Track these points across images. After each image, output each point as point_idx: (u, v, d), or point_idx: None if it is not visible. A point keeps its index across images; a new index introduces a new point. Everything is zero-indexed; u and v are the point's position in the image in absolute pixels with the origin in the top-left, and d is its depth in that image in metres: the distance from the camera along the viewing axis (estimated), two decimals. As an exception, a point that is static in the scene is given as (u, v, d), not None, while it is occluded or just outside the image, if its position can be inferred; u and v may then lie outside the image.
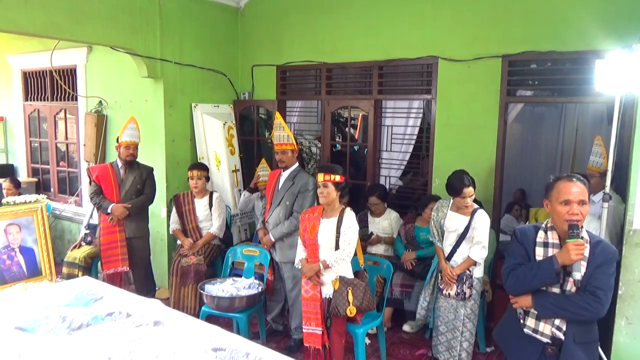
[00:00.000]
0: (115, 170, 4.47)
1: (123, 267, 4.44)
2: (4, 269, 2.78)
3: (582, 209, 2.14)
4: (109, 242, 4.42)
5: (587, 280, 2.14)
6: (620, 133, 3.22)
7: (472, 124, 4.37)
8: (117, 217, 4.37)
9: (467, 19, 4.33)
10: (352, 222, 3.32)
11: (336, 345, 3.34)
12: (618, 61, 2.89)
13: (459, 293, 3.48)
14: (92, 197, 4.45)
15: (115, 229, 4.41)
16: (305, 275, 3.38)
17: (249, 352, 1.81)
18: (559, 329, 2.23)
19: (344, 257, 3.28)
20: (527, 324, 2.31)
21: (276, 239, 3.94)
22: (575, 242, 2.11)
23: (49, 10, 3.96)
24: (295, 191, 3.93)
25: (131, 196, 4.46)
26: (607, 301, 2.14)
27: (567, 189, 2.15)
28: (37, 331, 1.98)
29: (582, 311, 2.15)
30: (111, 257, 4.42)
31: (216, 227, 4.58)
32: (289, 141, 3.95)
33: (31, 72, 6.58)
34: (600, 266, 2.14)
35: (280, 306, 4.23)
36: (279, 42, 5.43)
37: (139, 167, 4.54)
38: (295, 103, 5.73)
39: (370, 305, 3.33)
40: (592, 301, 2.13)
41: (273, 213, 4.00)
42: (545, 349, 2.25)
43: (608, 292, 2.14)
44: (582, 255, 2.12)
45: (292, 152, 3.99)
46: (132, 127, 4.43)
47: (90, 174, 4.49)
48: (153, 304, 2.32)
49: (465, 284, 3.47)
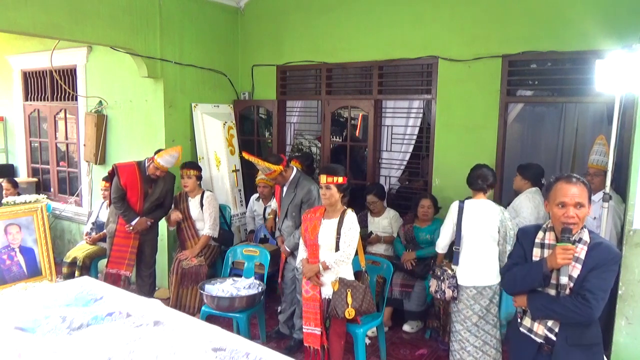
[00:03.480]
0: (143, 176, 4.34)
1: (126, 272, 4.43)
2: (4, 269, 2.78)
3: (578, 212, 2.10)
4: (121, 244, 4.42)
5: (580, 283, 2.10)
6: (620, 133, 3.22)
7: (472, 123, 4.37)
8: (137, 230, 4.38)
9: (467, 19, 4.33)
10: (352, 223, 3.31)
11: (335, 346, 3.34)
12: (618, 61, 2.89)
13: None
14: (116, 202, 4.35)
15: (131, 235, 4.41)
16: (305, 275, 3.38)
17: (249, 352, 1.81)
18: (550, 330, 2.21)
19: (344, 259, 3.27)
20: (524, 323, 2.32)
21: (291, 250, 3.92)
22: (563, 246, 2.08)
23: (49, 10, 3.96)
24: (297, 202, 3.89)
25: (153, 208, 4.46)
26: (596, 305, 2.06)
27: (564, 191, 2.12)
28: (37, 331, 1.98)
29: (570, 314, 2.10)
30: (119, 259, 4.42)
31: (208, 226, 4.55)
32: (270, 170, 3.84)
33: (31, 72, 6.58)
34: (596, 269, 2.08)
35: (293, 310, 4.16)
36: (279, 42, 5.43)
37: (164, 178, 4.46)
38: (295, 103, 5.73)
39: (370, 307, 3.32)
40: (580, 304, 2.07)
41: (284, 224, 4.00)
42: (542, 348, 2.25)
43: (599, 295, 2.06)
44: (569, 260, 2.09)
45: (280, 174, 3.88)
46: (174, 155, 4.29)
47: (119, 176, 4.31)
48: (153, 304, 2.32)
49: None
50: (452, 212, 3.50)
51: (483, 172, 3.45)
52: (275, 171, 3.84)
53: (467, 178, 3.54)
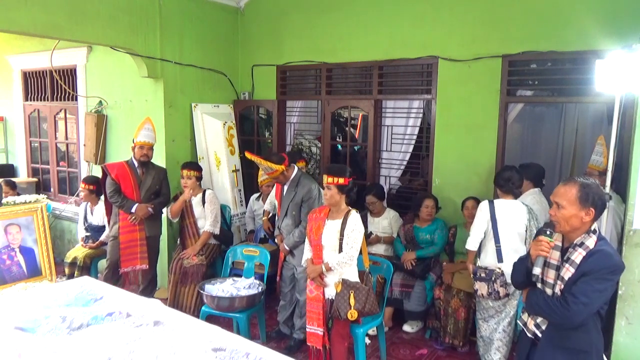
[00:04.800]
0: (133, 169, 4.43)
1: (142, 265, 4.44)
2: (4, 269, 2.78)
3: (557, 212, 2.17)
4: (128, 240, 4.42)
5: (570, 286, 2.12)
6: (620, 133, 3.22)
7: (472, 124, 4.37)
8: (140, 217, 4.38)
9: (467, 19, 4.33)
10: (356, 225, 3.29)
11: (337, 347, 3.34)
12: (618, 61, 2.89)
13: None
14: (111, 196, 4.39)
15: (135, 228, 4.41)
16: (309, 276, 3.39)
17: (249, 352, 1.81)
18: (537, 326, 2.27)
19: (346, 260, 3.25)
20: (522, 316, 2.42)
21: (291, 248, 3.92)
22: (539, 238, 2.21)
23: (49, 10, 3.96)
24: (298, 201, 3.90)
25: (150, 196, 4.47)
26: (576, 309, 2.05)
27: (555, 190, 2.23)
28: (37, 331, 1.98)
29: (551, 313, 2.14)
30: (130, 255, 4.42)
31: (209, 223, 4.55)
32: (272, 169, 3.85)
33: (31, 72, 6.58)
34: (587, 275, 2.08)
35: (292, 309, 4.16)
36: (279, 42, 5.43)
37: (154, 168, 4.56)
38: (295, 103, 5.73)
39: (373, 308, 3.31)
40: (559, 305, 2.10)
41: (284, 222, 4.00)
42: (534, 343, 2.31)
43: (580, 299, 2.05)
44: (542, 252, 2.18)
45: (282, 174, 3.89)
46: (147, 127, 4.42)
47: (108, 172, 4.41)
48: (153, 304, 2.32)
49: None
50: (484, 211, 3.59)
51: (513, 174, 3.60)
52: (277, 170, 3.85)
53: (496, 180, 3.68)
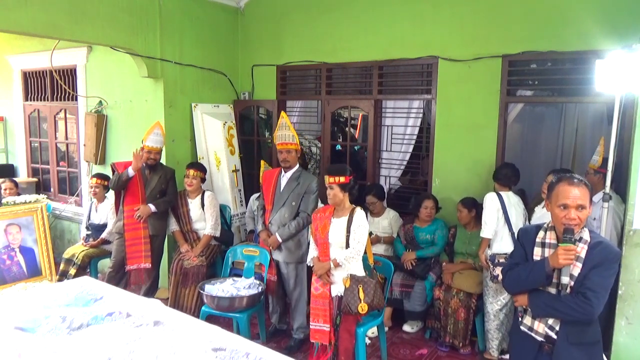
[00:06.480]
0: (140, 169, 4.45)
1: (145, 264, 4.46)
2: (4, 269, 2.78)
3: (580, 214, 2.11)
4: (133, 238, 4.45)
5: (581, 281, 2.13)
6: (620, 133, 3.22)
7: (472, 124, 4.37)
8: (143, 216, 4.42)
9: (467, 19, 4.33)
10: (362, 221, 3.37)
11: (345, 343, 3.36)
12: (618, 61, 2.89)
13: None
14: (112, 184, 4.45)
15: (139, 226, 4.44)
16: (316, 273, 3.43)
17: (249, 352, 1.81)
18: (551, 328, 2.23)
19: (354, 255, 3.32)
20: (524, 321, 2.34)
21: (283, 240, 3.92)
22: (566, 246, 2.10)
23: (49, 10, 3.96)
24: (301, 192, 3.93)
25: (155, 195, 4.50)
26: (597, 303, 2.09)
27: (566, 193, 2.13)
28: (37, 331, 1.98)
29: (571, 312, 2.13)
30: (134, 253, 4.45)
31: (210, 226, 4.57)
32: (293, 141, 3.95)
33: (31, 72, 6.58)
34: (596, 267, 2.11)
35: (283, 305, 4.22)
36: (279, 42, 5.43)
37: (162, 168, 4.61)
38: (295, 103, 5.73)
39: (380, 302, 3.39)
40: (581, 302, 2.10)
41: (277, 214, 3.98)
42: (542, 347, 2.26)
43: (600, 293, 2.10)
44: (570, 261, 2.11)
45: (295, 152, 3.99)
46: (157, 132, 4.45)
47: (116, 168, 4.49)
48: (153, 304, 2.32)
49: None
50: (494, 202, 3.80)
51: (513, 170, 3.91)
52: (295, 144, 3.96)
53: (496, 174, 3.94)
